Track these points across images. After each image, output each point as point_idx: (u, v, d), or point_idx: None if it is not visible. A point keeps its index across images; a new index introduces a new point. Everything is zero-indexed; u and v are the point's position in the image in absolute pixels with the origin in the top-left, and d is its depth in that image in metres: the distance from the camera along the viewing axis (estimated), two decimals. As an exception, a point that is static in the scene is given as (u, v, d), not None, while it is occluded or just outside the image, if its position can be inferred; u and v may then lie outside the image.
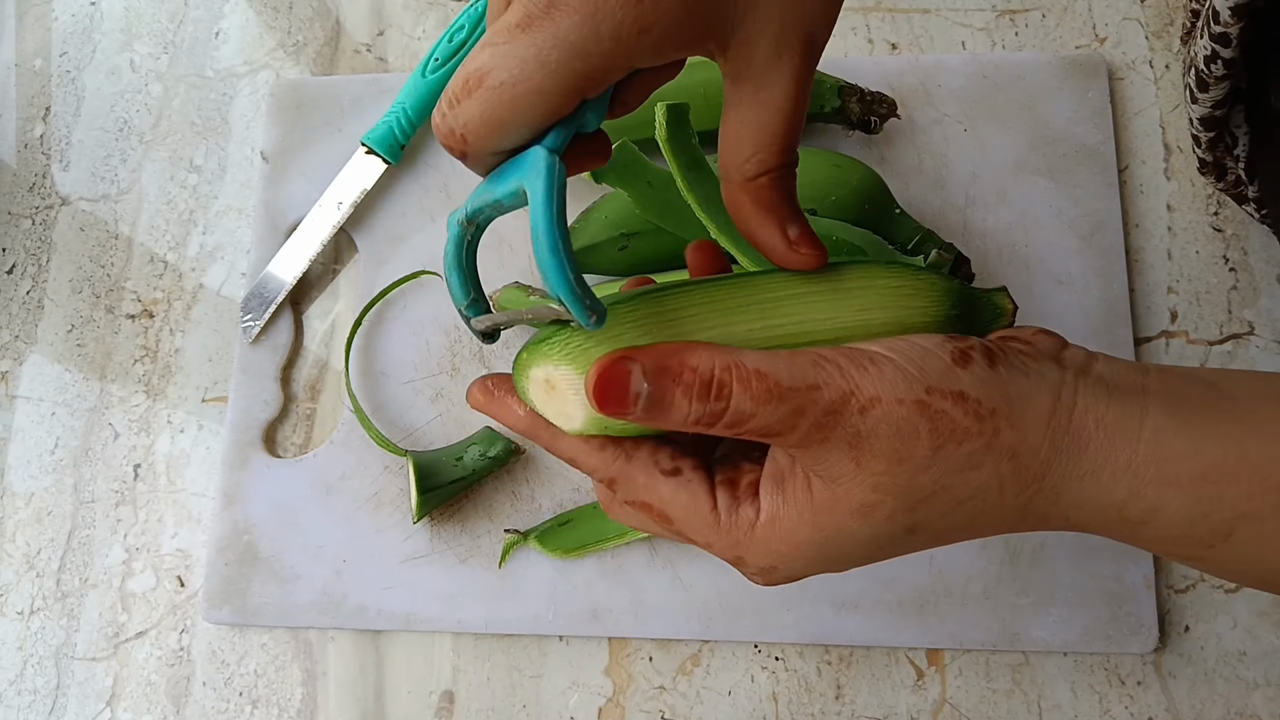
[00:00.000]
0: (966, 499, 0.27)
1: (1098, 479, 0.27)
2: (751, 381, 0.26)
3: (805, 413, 0.26)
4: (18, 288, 0.56)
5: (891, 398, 0.26)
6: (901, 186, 0.50)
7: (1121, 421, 0.27)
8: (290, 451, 0.51)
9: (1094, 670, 0.45)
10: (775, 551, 0.28)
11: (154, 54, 0.59)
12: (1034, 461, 0.27)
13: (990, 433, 0.26)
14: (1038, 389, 0.27)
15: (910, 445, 0.26)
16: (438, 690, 0.47)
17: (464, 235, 0.28)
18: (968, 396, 0.26)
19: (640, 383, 0.26)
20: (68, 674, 0.49)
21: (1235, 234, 0.49)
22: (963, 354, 0.27)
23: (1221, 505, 0.26)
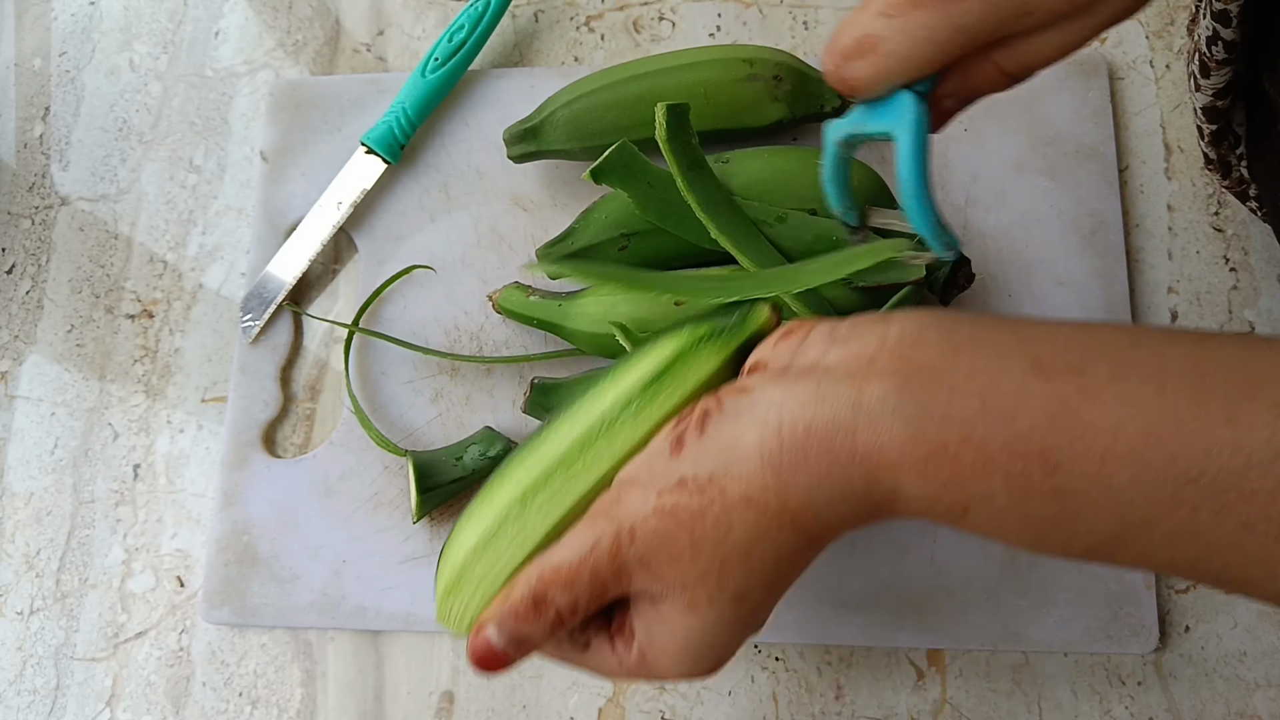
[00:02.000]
0: (747, 555, 0.29)
1: (832, 480, 0.27)
2: (556, 579, 0.30)
3: (600, 570, 0.30)
4: (17, 288, 0.56)
5: (640, 517, 0.29)
6: (902, 186, 0.50)
7: (832, 420, 0.27)
8: (290, 452, 0.51)
9: (1094, 670, 0.44)
10: (666, 665, 0.31)
11: (153, 54, 0.59)
12: (768, 495, 0.28)
13: (718, 495, 0.28)
14: (745, 429, 0.28)
15: (674, 544, 0.29)
16: (437, 691, 0.47)
17: (839, 155, 0.34)
18: (686, 480, 0.29)
19: (499, 639, 0.31)
20: (67, 674, 0.49)
21: (1236, 234, 0.49)
22: (678, 440, 0.30)
23: (950, 488, 0.27)
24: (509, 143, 0.51)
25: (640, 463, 0.31)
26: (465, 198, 0.53)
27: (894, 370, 0.27)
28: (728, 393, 0.30)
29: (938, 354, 0.27)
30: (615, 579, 0.30)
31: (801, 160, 0.47)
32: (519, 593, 0.31)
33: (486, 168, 0.53)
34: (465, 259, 0.52)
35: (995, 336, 0.28)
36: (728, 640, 0.31)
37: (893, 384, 0.27)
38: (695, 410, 0.30)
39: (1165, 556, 0.26)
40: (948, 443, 0.26)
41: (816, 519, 0.28)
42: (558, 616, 0.30)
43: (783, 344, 0.31)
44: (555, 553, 0.31)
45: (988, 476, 0.26)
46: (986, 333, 0.28)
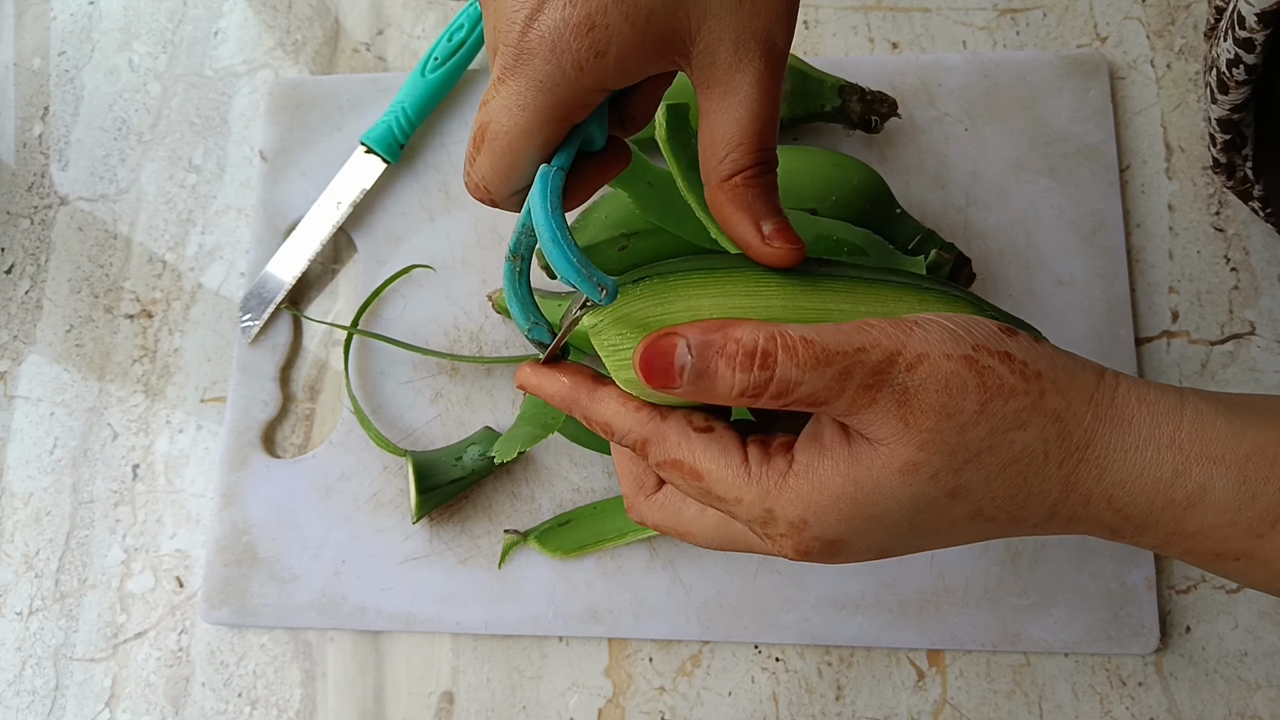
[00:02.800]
0: (1011, 461, 0.26)
1: (1143, 453, 0.27)
2: (797, 349, 0.26)
3: (852, 375, 0.26)
4: (16, 288, 0.56)
5: (939, 353, 0.26)
6: (902, 186, 0.50)
7: (1163, 401, 0.27)
8: (289, 452, 0.51)
9: (1095, 671, 0.44)
10: (807, 500, 0.27)
11: (153, 53, 0.59)
12: (1078, 427, 0.27)
13: (1036, 393, 0.26)
14: (1082, 366, 0.28)
15: (958, 399, 0.26)
16: (437, 691, 0.47)
17: (514, 268, 0.31)
18: (1014, 357, 0.27)
19: (685, 356, 0.27)
20: (66, 675, 0.49)
21: (1237, 234, 0.49)
22: (1009, 330, 0.28)
23: (1268, 487, 0.26)
24: (509, 142, 0.51)
25: (954, 317, 0.27)
26: (465, 198, 0.53)
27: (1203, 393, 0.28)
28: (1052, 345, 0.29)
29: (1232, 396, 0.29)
30: (858, 395, 0.26)
31: (802, 160, 0.47)
32: (743, 334, 0.27)
33: (486, 167, 0.53)
34: (465, 259, 0.52)
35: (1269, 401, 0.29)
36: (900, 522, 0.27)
37: (1210, 396, 0.28)
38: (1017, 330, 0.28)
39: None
40: (1267, 443, 0.26)
41: (1098, 481, 0.27)
42: (764, 384, 0.26)
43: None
44: (803, 328, 0.27)
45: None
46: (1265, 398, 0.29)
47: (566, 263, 0.27)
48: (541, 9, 0.27)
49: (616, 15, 0.27)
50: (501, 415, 0.49)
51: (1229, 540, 0.27)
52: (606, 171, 0.31)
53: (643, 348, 0.27)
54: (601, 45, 0.27)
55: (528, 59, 0.27)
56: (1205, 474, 0.27)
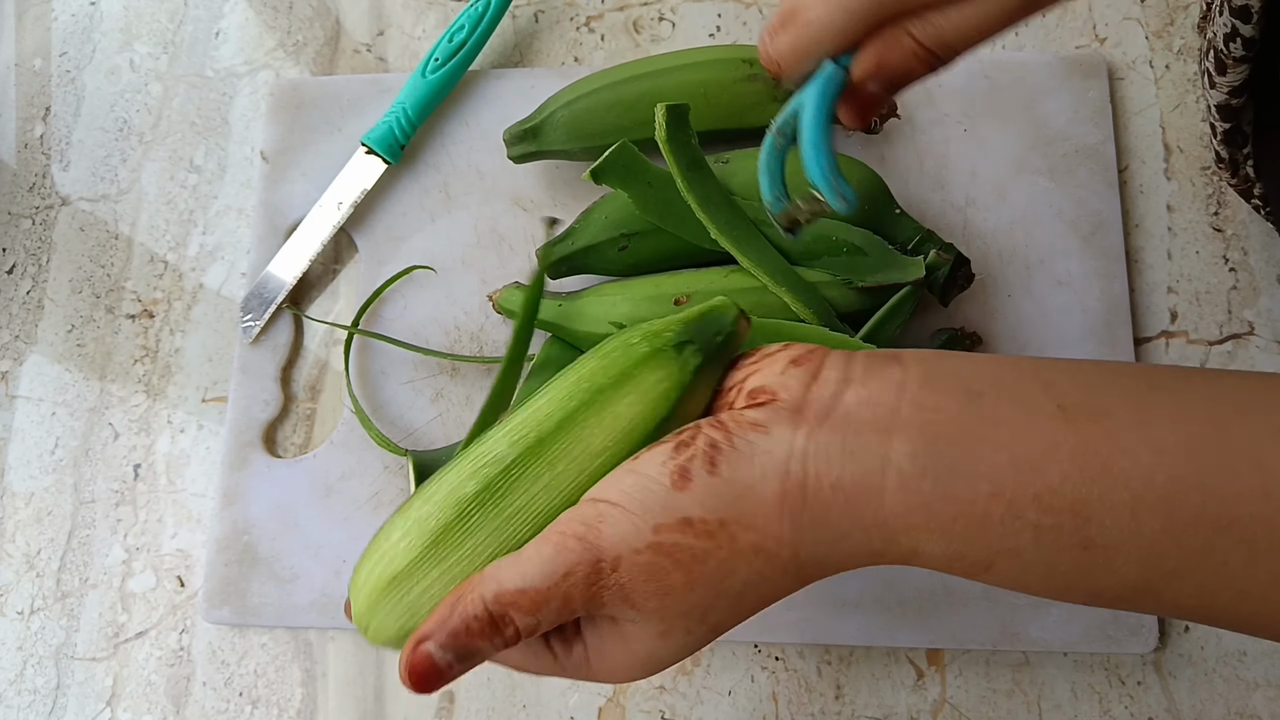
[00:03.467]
0: (741, 594, 0.28)
1: (850, 538, 0.27)
2: (519, 602, 0.28)
3: (573, 597, 0.28)
4: (18, 288, 0.56)
5: (629, 550, 0.27)
6: (901, 186, 0.50)
7: (861, 480, 0.27)
8: (290, 452, 0.51)
9: (1094, 670, 0.45)
10: (612, 674, 0.30)
11: (154, 54, 0.59)
12: (781, 547, 0.27)
13: (727, 541, 0.27)
14: (764, 476, 0.27)
15: (665, 581, 0.27)
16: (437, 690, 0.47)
17: (776, 143, 0.34)
18: (692, 521, 0.27)
19: (442, 655, 0.28)
20: (68, 674, 0.49)
21: (1235, 234, 0.49)
22: (682, 472, 0.27)
23: (975, 546, 0.26)
24: (509, 143, 0.51)
25: (629, 487, 0.28)
26: (465, 198, 0.53)
27: (920, 424, 0.27)
28: (738, 426, 0.28)
29: (961, 404, 0.27)
30: (586, 605, 0.28)
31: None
32: (471, 608, 0.28)
33: (486, 168, 0.53)
34: (465, 259, 0.52)
35: (1015, 381, 0.27)
36: (684, 657, 0.30)
37: (921, 441, 0.26)
38: (699, 440, 0.28)
39: (1194, 604, 0.25)
40: (976, 500, 0.26)
41: (820, 568, 0.28)
42: (515, 635, 0.28)
43: (792, 372, 0.29)
44: (515, 569, 0.28)
45: (1016, 533, 0.25)
46: (1006, 377, 0.27)
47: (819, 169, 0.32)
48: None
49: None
50: (502, 415, 0.49)
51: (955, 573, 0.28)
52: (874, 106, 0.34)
53: (405, 670, 0.29)
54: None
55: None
56: (913, 540, 0.27)
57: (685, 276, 0.46)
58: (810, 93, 0.32)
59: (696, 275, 0.46)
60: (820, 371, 0.29)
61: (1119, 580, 0.26)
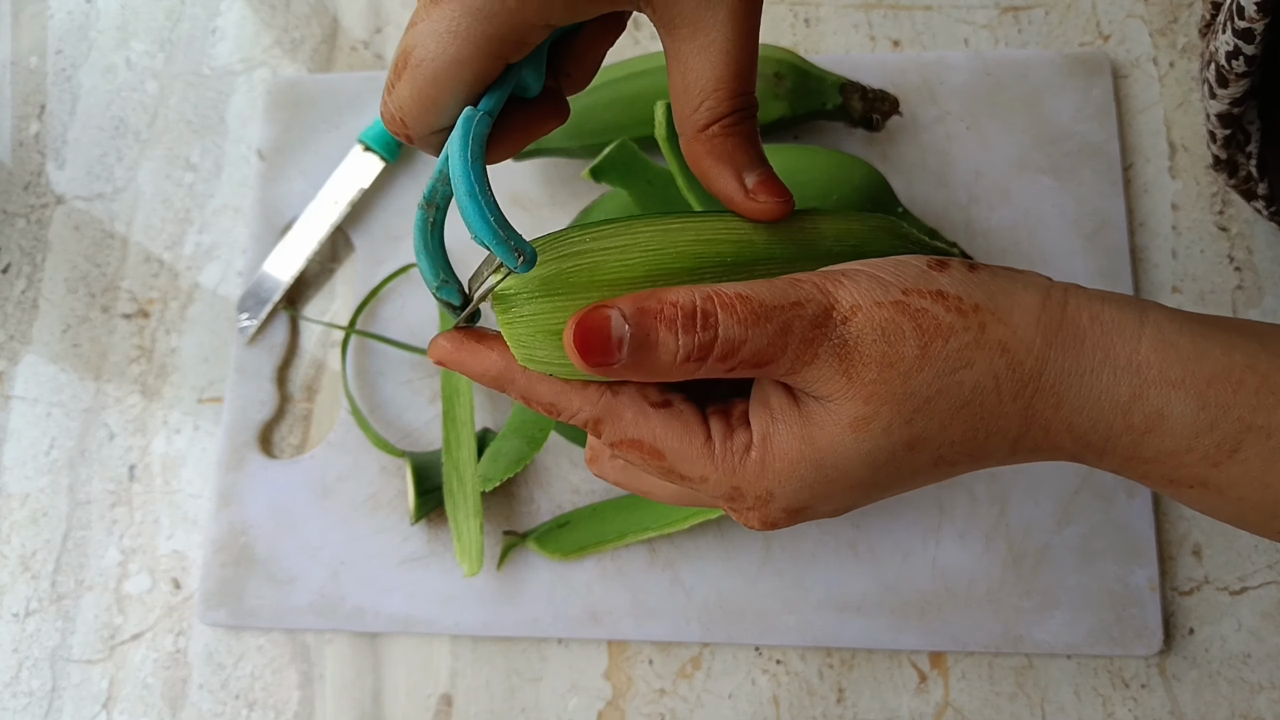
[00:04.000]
0: (964, 403, 0.25)
1: (1098, 376, 0.25)
2: (736, 306, 0.25)
3: (792, 329, 0.25)
4: (13, 287, 0.55)
5: (871, 302, 0.25)
6: (904, 185, 0.50)
7: (1119, 319, 0.26)
8: (287, 452, 0.51)
9: (1098, 673, 0.44)
10: (770, 472, 0.26)
11: (150, 52, 0.59)
12: (1028, 355, 0.25)
13: (977, 326, 0.25)
14: (1023, 287, 0.26)
15: (897, 347, 0.25)
16: (436, 693, 0.46)
17: (427, 217, 0.28)
18: (947, 294, 0.25)
19: (621, 327, 0.25)
20: (63, 676, 0.49)
21: (1240, 233, 0.49)
22: (940, 262, 0.26)
23: (1229, 414, 0.25)
24: (508, 141, 0.50)
25: (880, 261, 0.26)
26: (464, 196, 0.53)
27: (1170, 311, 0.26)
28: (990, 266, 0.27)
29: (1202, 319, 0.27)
30: (799, 352, 0.25)
31: (802, 159, 0.47)
32: (677, 295, 0.25)
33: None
34: (465, 259, 0.51)
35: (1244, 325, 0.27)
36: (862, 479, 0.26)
37: (1174, 314, 0.26)
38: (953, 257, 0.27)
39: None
40: (1232, 367, 0.25)
41: (1056, 410, 0.26)
42: (708, 345, 0.25)
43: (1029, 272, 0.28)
44: (738, 286, 0.25)
45: (1271, 408, 0.25)
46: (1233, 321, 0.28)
47: (483, 222, 0.25)
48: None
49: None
50: (501, 416, 0.49)
51: (1185, 468, 0.26)
52: (539, 124, 0.29)
53: (573, 325, 0.25)
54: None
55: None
56: (1163, 397, 0.25)
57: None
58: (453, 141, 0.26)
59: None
60: None
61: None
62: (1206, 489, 0.26)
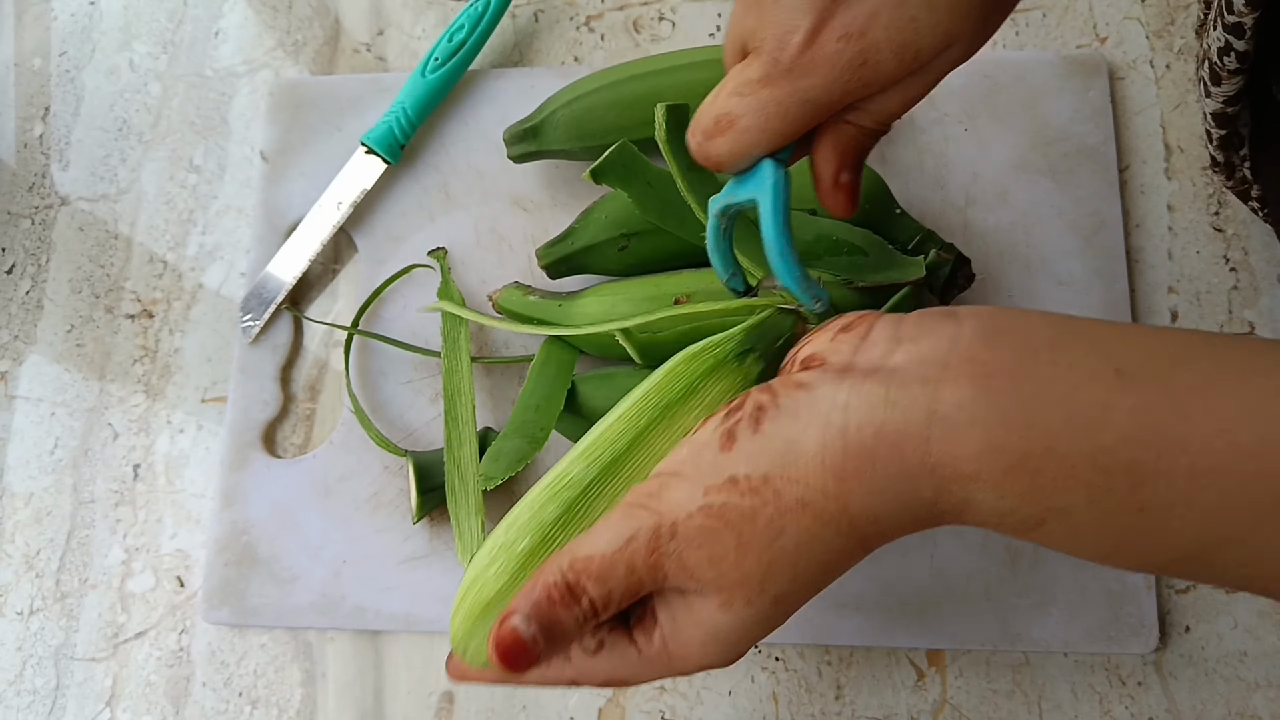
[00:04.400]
0: (797, 558, 0.28)
1: (898, 488, 0.27)
2: (589, 567, 0.29)
3: (635, 564, 0.28)
4: (17, 288, 0.56)
5: (684, 513, 0.28)
6: (902, 186, 0.50)
7: (904, 427, 0.26)
8: (289, 452, 0.51)
9: (1095, 671, 0.44)
10: (688, 655, 0.30)
11: (153, 53, 0.59)
12: (827, 500, 0.27)
13: (773, 497, 0.27)
14: (805, 428, 0.27)
15: (717, 545, 0.28)
16: (437, 691, 0.47)
17: (720, 225, 0.36)
18: (737, 479, 0.28)
19: (528, 627, 0.29)
20: (67, 674, 0.49)
21: (1236, 234, 0.49)
22: (729, 434, 0.28)
23: (1028, 500, 0.26)
24: (509, 143, 0.51)
25: (685, 455, 0.29)
26: (465, 198, 0.53)
27: (970, 374, 0.26)
28: (784, 388, 0.29)
29: (1015, 358, 0.26)
30: (650, 574, 0.29)
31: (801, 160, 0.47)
32: (549, 579, 0.29)
33: (486, 168, 0.53)
34: (465, 259, 0.52)
35: (1073, 340, 0.27)
36: (757, 635, 0.30)
37: (970, 390, 0.26)
38: (746, 404, 0.29)
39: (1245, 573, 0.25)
40: (1030, 454, 0.25)
41: (875, 525, 0.27)
42: (590, 607, 0.29)
43: (843, 338, 0.29)
44: (586, 542, 0.29)
45: (1069, 490, 0.25)
46: (1064, 335, 0.27)
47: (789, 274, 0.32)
48: (819, 35, 0.29)
49: (888, 54, 0.29)
50: (501, 416, 0.49)
51: (1005, 531, 0.27)
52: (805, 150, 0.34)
53: (492, 647, 0.29)
54: (870, 77, 0.30)
55: (799, 76, 0.30)
56: (964, 490, 0.26)
57: (685, 276, 0.46)
58: (764, 200, 0.32)
59: (696, 275, 0.46)
60: (870, 334, 0.29)
61: (1171, 545, 0.25)
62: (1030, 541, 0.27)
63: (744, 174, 0.33)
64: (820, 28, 0.29)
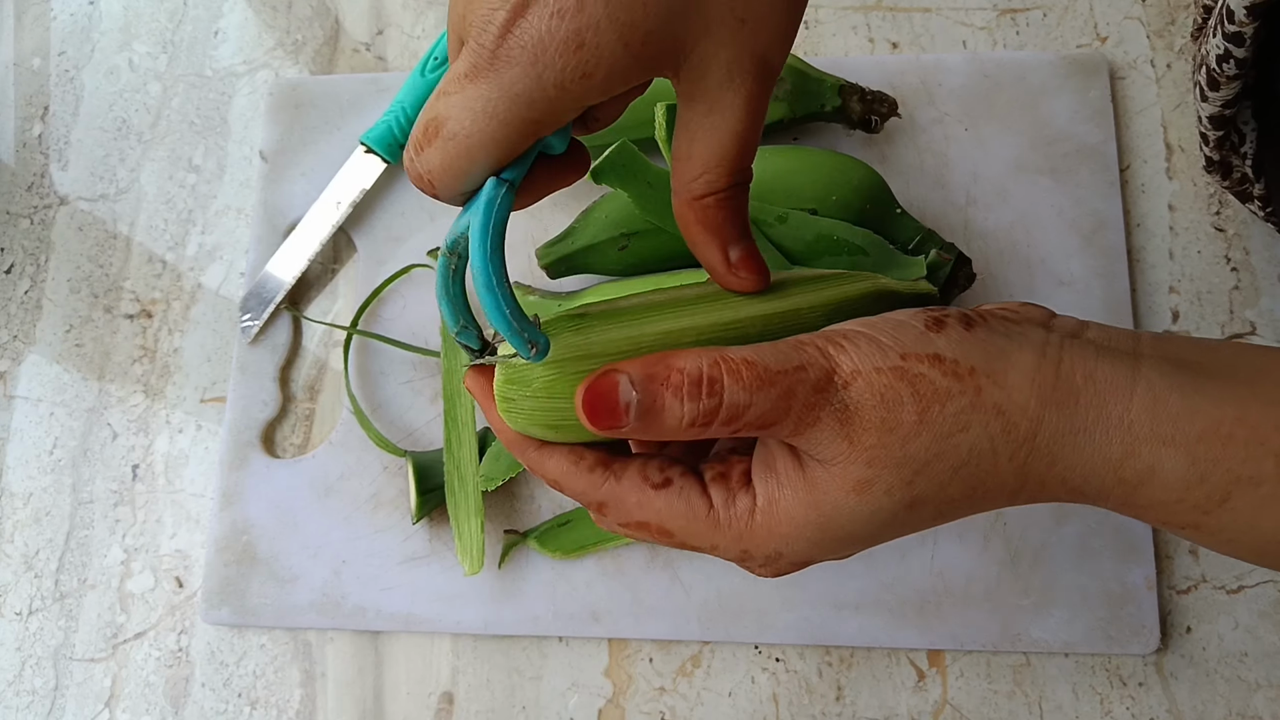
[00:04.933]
0: (961, 465, 0.26)
1: (1091, 436, 0.26)
2: (741, 371, 0.26)
3: (795, 393, 0.26)
4: (16, 287, 0.56)
5: (870, 368, 0.26)
6: (903, 186, 0.50)
7: (1112, 377, 0.26)
8: (289, 452, 0.51)
9: (1095, 671, 0.44)
10: (777, 535, 0.28)
11: (153, 53, 0.59)
12: (1022, 418, 0.26)
13: (973, 390, 0.26)
14: (1019, 347, 0.27)
15: (896, 412, 0.26)
16: (437, 691, 0.47)
17: (449, 264, 0.29)
18: (944, 358, 0.26)
19: (629, 392, 0.26)
20: (66, 675, 0.49)
21: (1237, 234, 0.49)
22: (937, 321, 0.27)
23: (1218, 468, 0.26)
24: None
25: (879, 324, 0.27)
26: (465, 197, 0.53)
27: (1162, 355, 0.27)
28: (990, 313, 0.28)
29: (1197, 352, 0.28)
30: (801, 415, 0.26)
31: (802, 160, 0.47)
32: (685, 363, 0.26)
33: (486, 167, 0.53)
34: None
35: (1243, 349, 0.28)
36: (866, 536, 0.28)
37: (1166, 365, 0.27)
38: (950, 312, 0.28)
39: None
40: (1222, 420, 0.26)
41: (1050, 468, 0.27)
42: (713, 411, 0.26)
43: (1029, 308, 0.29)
44: (746, 348, 0.26)
45: (1259, 459, 0.25)
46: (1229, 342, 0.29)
47: (499, 315, 0.26)
48: (525, 13, 0.25)
49: (610, 35, 0.25)
50: (501, 415, 0.49)
51: (1177, 515, 0.27)
52: (561, 177, 0.30)
53: (583, 389, 0.26)
54: (590, 66, 0.25)
55: (504, 66, 0.25)
56: (1154, 455, 0.26)
57: (685, 276, 0.46)
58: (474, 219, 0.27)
59: (696, 275, 0.46)
60: (1055, 314, 0.30)
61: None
62: (1199, 531, 0.27)
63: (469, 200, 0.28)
64: (527, 5, 0.24)
